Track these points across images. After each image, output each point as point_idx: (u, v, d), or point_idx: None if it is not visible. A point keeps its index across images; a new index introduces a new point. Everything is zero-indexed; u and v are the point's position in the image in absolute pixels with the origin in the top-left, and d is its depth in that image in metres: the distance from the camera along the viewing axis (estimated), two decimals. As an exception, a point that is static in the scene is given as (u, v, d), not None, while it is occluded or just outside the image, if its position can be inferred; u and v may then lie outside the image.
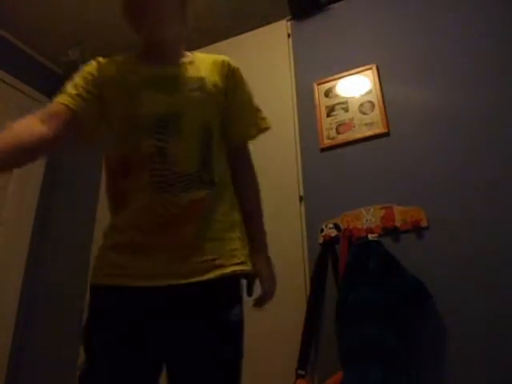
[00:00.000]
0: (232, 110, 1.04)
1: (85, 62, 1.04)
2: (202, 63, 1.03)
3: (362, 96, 2.01)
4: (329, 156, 1.97)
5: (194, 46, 2.56)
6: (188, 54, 1.07)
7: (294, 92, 2.16)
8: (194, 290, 0.86)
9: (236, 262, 0.91)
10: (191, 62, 1.03)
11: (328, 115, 2.04)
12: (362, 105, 1.99)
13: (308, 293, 1.72)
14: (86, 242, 2.45)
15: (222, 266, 0.88)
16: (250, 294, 0.97)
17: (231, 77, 1.05)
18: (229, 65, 1.07)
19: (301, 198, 1.93)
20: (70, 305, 2.36)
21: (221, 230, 0.92)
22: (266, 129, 1.10)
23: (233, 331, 0.90)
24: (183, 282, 0.85)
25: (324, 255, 1.76)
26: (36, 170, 2.80)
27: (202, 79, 0.98)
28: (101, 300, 0.90)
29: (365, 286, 1.54)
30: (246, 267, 0.94)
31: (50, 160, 2.90)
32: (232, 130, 1.04)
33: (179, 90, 0.96)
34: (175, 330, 0.87)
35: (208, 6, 2.63)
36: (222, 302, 0.90)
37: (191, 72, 1.00)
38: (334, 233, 1.78)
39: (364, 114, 1.97)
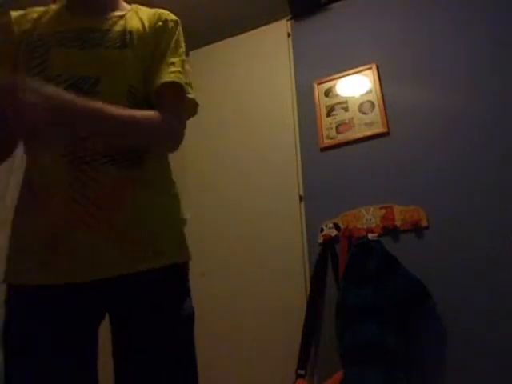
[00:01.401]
0: (150, 65, 0.84)
1: None
2: (136, 17, 0.88)
3: (362, 96, 2.01)
4: (329, 156, 1.97)
5: (195, 46, 2.57)
6: (126, 6, 0.92)
7: (294, 92, 2.16)
8: (133, 281, 0.77)
9: (175, 251, 0.83)
10: (123, 16, 0.87)
11: (328, 115, 2.04)
12: (361, 104, 1.99)
13: (308, 293, 1.72)
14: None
15: (150, 259, 0.78)
16: None
17: (161, 29, 0.88)
18: (161, 16, 0.90)
19: (301, 198, 1.93)
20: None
21: (153, 216, 0.81)
22: (173, 83, 0.84)
23: (186, 327, 0.81)
24: (109, 275, 0.75)
25: (324, 255, 1.76)
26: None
27: (128, 33, 0.83)
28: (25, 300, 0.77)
29: (365, 285, 1.54)
30: (181, 258, 0.85)
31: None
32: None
33: (96, 47, 0.80)
34: (119, 329, 0.80)
35: (208, 6, 2.63)
36: (171, 295, 0.81)
37: (118, 26, 0.84)
38: (333, 232, 1.78)
39: (364, 113, 1.97)
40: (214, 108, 2.21)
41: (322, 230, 1.81)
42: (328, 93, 2.09)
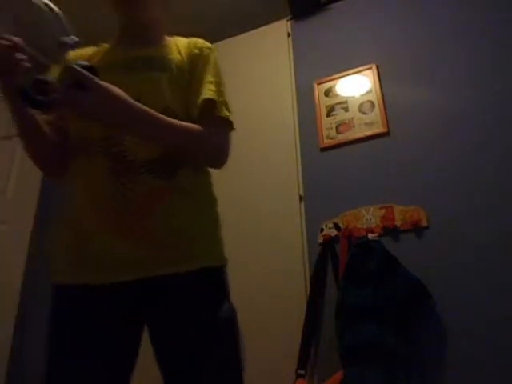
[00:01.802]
0: (189, 88, 0.93)
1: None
2: (175, 46, 0.98)
3: (362, 96, 2.01)
4: (329, 156, 1.97)
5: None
6: (167, 38, 1.02)
7: (294, 92, 2.16)
8: (167, 284, 0.81)
9: (209, 255, 0.87)
10: (164, 45, 0.98)
11: (328, 115, 2.04)
12: (361, 104, 1.99)
13: (308, 293, 1.72)
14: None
15: (186, 261, 0.83)
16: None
17: (197, 56, 0.97)
18: (197, 44, 1.00)
19: (301, 198, 1.93)
20: (70, 305, 2.36)
21: (187, 223, 0.86)
22: (209, 101, 0.91)
23: (224, 330, 0.84)
24: (144, 275, 0.80)
25: (324, 255, 1.76)
26: (36, 169, 2.81)
27: (166, 60, 0.94)
28: (66, 299, 0.87)
29: (365, 285, 1.54)
30: (217, 261, 0.89)
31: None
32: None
33: (138, 71, 0.91)
34: (158, 330, 0.83)
35: (208, 6, 2.63)
36: (206, 299, 0.84)
37: (158, 53, 0.95)
38: (333, 232, 1.78)
39: (364, 113, 1.97)
40: (214, 108, 2.21)
41: (322, 230, 1.81)
42: (328, 93, 2.09)
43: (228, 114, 0.94)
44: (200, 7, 2.63)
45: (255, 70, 2.30)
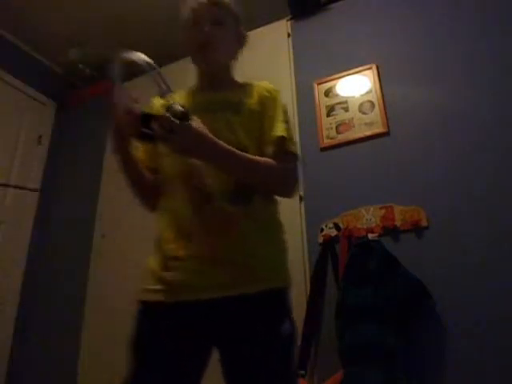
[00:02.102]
0: (261, 128, 1.05)
1: (85, 62, 1.06)
2: (247, 90, 1.10)
3: (362, 96, 2.01)
4: (329, 156, 1.97)
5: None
6: (242, 83, 1.16)
7: (294, 91, 2.16)
8: (236, 303, 0.89)
9: (273, 278, 0.94)
10: (237, 89, 1.11)
11: (328, 115, 2.04)
12: (361, 104, 1.99)
13: (308, 293, 1.72)
14: (86, 242, 2.45)
15: (259, 281, 0.91)
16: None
17: (267, 98, 1.08)
18: (268, 87, 1.12)
19: (301, 198, 1.93)
20: (70, 305, 2.36)
21: (258, 247, 0.95)
22: (281, 138, 1.02)
23: (284, 347, 0.92)
24: (219, 294, 0.89)
25: (324, 255, 1.76)
26: (36, 170, 2.81)
27: (239, 103, 1.05)
28: (148, 316, 0.98)
29: (365, 285, 1.54)
30: (284, 283, 0.97)
31: (49, 160, 2.90)
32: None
33: (215, 112, 1.02)
34: (225, 347, 0.91)
35: (208, 6, 2.63)
36: (270, 318, 0.92)
37: (232, 96, 1.07)
38: (333, 232, 1.78)
39: (364, 113, 1.97)
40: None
41: (322, 229, 1.81)
42: (328, 93, 2.09)
43: (296, 149, 1.07)
44: (200, 7, 2.63)
45: (255, 70, 2.29)
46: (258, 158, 0.97)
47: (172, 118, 0.85)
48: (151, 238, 1.06)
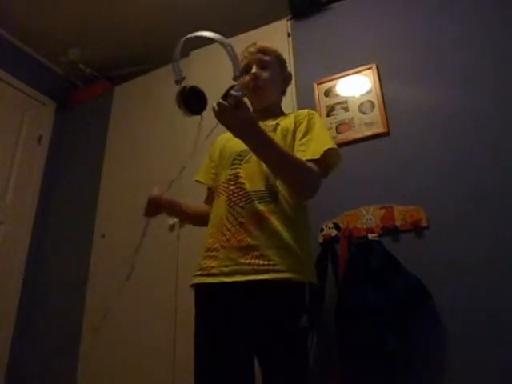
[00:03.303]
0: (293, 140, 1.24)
1: (85, 62, 1.09)
2: (288, 117, 1.30)
3: (362, 96, 2.01)
4: (329, 156, 1.96)
5: (195, 46, 2.57)
6: (284, 112, 1.39)
7: (294, 91, 2.15)
8: (255, 288, 1.02)
9: (293, 270, 1.04)
10: (281, 116, 1.31)
11: (328, 115, 2.04)
12: (361, 104, 1.99)
13: (308, 293, 1.72)
14: (86, 242, 2.45)
15: (279, 271, 1.02)
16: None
17: (300, 119, 1.26)
18: (303, 112, 1.29)
19: (301, 198, 1.93)
20: (70, 305, 2.36)
21: (281, 240, 1.07)
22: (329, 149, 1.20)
23: (301, 339, 1.04)
24: (244, 279, 1.02)
25: (324, 255, 1.76)
26: (36, 170, 2.81)
27: (276, 125, 1.25)
28: (195, 301, 1.15)
29: (365, 285, 1.54)
30: (304, 277, 1.07)
31: (49, 160, 2.90)
32: None
33: None
34: (252, 323, 1.04)
35: (208, 6, 2.63)
36: (284, 306, 1.03)
37: (273, 121, 1.28)
38: (333, 232, 1.78)
39: (364, 113, 1.97)
40: (214, 108, 2.21)
41: (322, 229, 1.81)
42: (328, 93, 2.09)
43: (331, 161, 1.25)
44: (200, 7, 2.63)
45: (255, 70, 2.30)
46: (292, 153, 1.14)
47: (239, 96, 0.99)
48: (151, 237, 1.10)
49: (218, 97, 1.05)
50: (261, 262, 1.03)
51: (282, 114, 1.37)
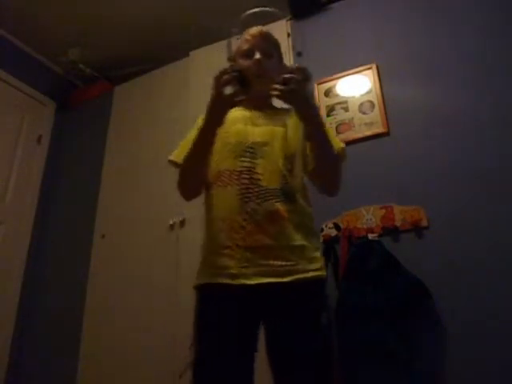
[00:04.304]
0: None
1: (85, 62, 1.07)
2: (286, 111, 1.24)
3: (362, 96, 2.01)
4: (329, 156, 1.96)
5: (194, 46, 2.57)
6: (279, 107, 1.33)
7: (294, 92, 2.15)
8: (278, 290, 0.99)
9: (314, 268, 1.04)
10: (279, 111, 1.26)
11: (328, 115, 2.04)
12: (361, 104, 1.99)
13: (308, 293, 1.72)
14: (86, 242, 2.45)
15: (301, 271, 1.02)
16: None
17: None
18: None
19: (301, 198, 1.93)
20: (70, 305, 2.36)
21: (299, 239, 1.06)
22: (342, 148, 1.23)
23: (324, 334, 1.03)
24: (266, 280, 0.99)
25: (324, 255, 1.76)
26: (36, 170, 2.81)
27: (285, 118, 1.20)
28: (203, 298, 1.09)
29: (365, 285, 1.54)
30: (323, 273, 1.07)
31: (49, 160, 2.90)
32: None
33: (258, 126, 1.17)
34: (271, 325, 1.02)
35: (208, 6, 2.63)
36: (311, 305, 1.03)
37: (272, 113, 1.23)
38: (333, 232, 1.78)
39: (364, 113, 1.97)
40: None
41: (322, 229, 1.81)
42: (328, 93, 2.09)
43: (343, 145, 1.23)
44: (200, 7, 2.63)
45: (255, 70, 2.29)
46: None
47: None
48: (151, 237, 1.08)
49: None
50: (280, 263, 1.01)
51: (277, 108, 1.30)
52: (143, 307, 2.12)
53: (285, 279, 0.99)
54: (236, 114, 1.19)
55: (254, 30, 1.25)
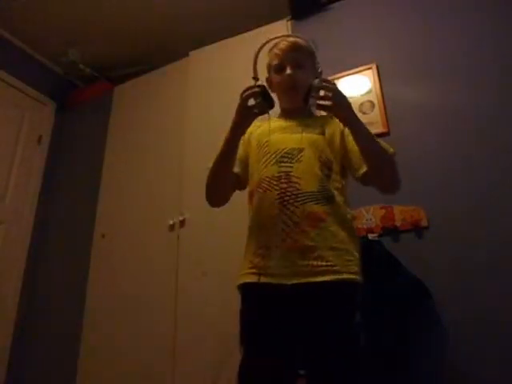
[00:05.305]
0: (348, 151, 1.22)
1: (85, 62, 1.07)
2: (324, 118, 1.29)
3: (362, 95, 2.01)
4: (329, 156, 1.96)
5: (195, 46, 2.57)
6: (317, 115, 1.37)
7: (294, 92, 2.15)
8: (314, 290, 1.02)
9: (350, 270, 1.05)
10: (326, 117, 1.28)
11: (328, 115, 2.04)
12: (362, 104, 1.99)
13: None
14: (86, 242, 2.45)
15: (338, 272, 1.03)
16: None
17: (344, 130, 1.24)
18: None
19: (301, 198, 1.93)
20: (70, 305, 2.36)
21: (338, 241, 1.08)
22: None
23: (356, 337, 1.04)
24: (303, 281, 1.02)
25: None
26: (36, 170, 2.81)
27: (324, 126, 1.24)
28: (245, 297, 1.13)
29: (364, 285, 1.54)
30: (359, 277, 1.07)
31: (49, 160, 2.90)
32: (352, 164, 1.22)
33: (294, 133, 1.22)
34: (306, 324, 1.03)
35: (208, 6, 2.63)
36: (343, 307, 1.04)
37: (301, 121, 1.26)
38: (333, 233, 1.78)
39: (364, 113, 1.97)
40: (215, 108, 2.21)
41: (321, 229, 1.81)
42: (328, 93, 2.09)
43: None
44: (200, 7, 2.63)
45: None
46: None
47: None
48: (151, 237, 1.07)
49: (219, 95, 1.05)
50: (319, 264, 1.03)
51: (313, 115, 1.34)
52: (143, 307, 2.12)
53: (321, 279, 1.02)
54: (275, 124, 1.25)
55: (284, 44, 1.27)
